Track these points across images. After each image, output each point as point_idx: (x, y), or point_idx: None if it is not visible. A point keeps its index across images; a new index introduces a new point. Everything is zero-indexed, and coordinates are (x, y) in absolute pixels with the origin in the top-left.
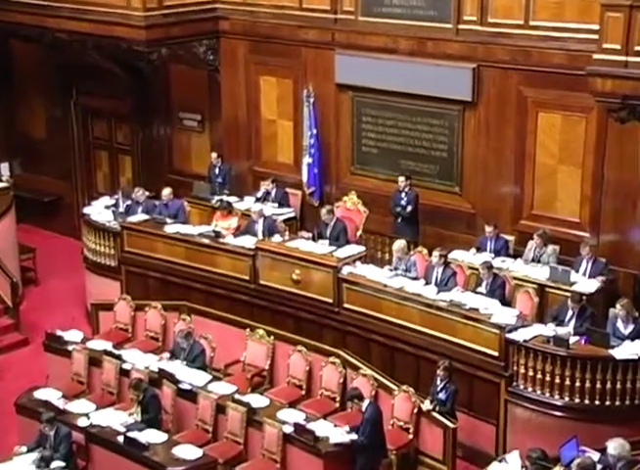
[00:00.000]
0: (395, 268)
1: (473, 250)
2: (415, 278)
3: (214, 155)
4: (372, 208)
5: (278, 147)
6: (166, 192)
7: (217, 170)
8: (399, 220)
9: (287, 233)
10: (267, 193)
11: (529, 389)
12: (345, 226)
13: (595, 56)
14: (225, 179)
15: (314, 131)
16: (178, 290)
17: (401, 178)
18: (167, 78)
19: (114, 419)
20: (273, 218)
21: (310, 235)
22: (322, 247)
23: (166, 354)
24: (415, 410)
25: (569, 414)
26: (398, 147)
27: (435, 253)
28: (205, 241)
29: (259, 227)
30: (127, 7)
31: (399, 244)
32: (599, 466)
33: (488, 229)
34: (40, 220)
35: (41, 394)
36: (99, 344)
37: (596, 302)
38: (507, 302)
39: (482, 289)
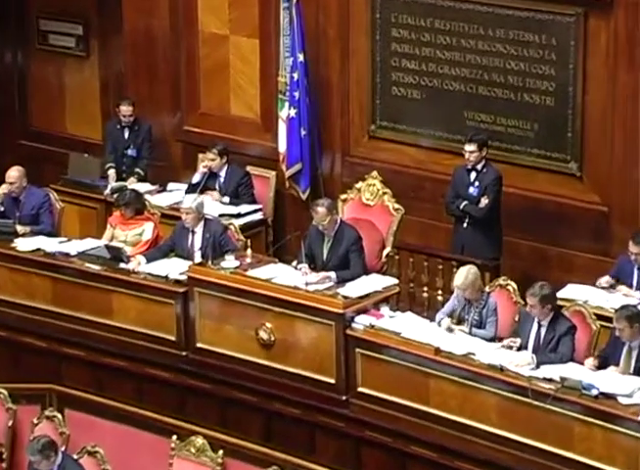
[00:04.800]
0: (459, 318)
1: (605, 279)
2: (494, 338)
3: (125, 106)
4: (410, 202)
5: (230, 88)
6: (15, 174)
7: (127, 133)
8: (464, 226)
9: (249, 252)
10: (210, 175)
11: None
12: (360, 238)
13: None
14: (141, 151)
15: (300, 58)
16: (40, 362)
17: (469, 147)
18: None
19: None
20: (222, 224)
21: (295, 263)
22: (316, 278)
23: None
24: None
25: None
26: (460, 86)
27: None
28: (93, 267)
29: (196, 241)
30: None
31: (466, 272)
32: None
33: (635, 246)
34: None
35: None
36: None
37: None
38: None
39: (623, 358)
